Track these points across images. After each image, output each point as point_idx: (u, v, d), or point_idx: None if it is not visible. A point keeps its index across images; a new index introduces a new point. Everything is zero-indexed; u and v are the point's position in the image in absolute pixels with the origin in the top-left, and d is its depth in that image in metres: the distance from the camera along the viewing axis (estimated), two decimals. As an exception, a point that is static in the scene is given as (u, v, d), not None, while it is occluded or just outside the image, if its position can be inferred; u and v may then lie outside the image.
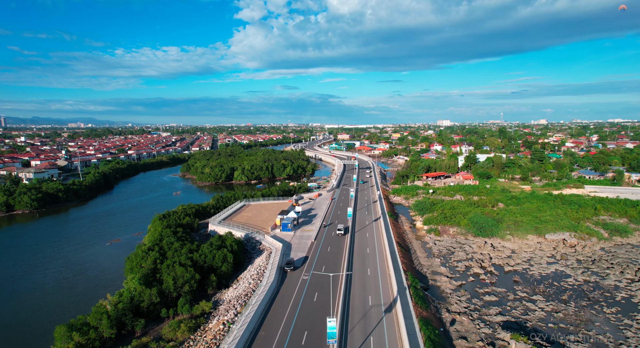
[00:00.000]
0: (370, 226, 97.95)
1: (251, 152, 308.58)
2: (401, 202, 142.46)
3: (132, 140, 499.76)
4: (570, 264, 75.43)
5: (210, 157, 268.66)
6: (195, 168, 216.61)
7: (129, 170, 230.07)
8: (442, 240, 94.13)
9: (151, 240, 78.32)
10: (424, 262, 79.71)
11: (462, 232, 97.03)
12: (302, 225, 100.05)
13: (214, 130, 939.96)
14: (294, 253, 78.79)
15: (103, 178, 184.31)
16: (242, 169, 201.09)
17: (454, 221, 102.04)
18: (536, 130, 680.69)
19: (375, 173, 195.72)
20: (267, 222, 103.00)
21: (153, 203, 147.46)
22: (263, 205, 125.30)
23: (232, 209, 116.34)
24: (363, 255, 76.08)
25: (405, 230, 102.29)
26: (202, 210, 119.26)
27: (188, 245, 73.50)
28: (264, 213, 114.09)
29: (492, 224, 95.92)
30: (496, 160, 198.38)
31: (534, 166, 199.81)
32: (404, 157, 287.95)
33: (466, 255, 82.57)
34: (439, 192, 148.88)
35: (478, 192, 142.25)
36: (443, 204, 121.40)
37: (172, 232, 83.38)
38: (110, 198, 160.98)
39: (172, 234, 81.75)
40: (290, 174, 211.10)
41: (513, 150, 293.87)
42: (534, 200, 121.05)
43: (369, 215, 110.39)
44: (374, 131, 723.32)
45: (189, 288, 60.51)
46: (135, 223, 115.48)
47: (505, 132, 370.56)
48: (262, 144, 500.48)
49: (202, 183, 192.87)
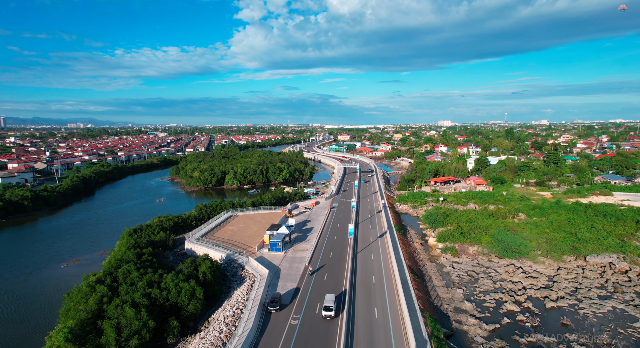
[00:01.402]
0: (375, 244, 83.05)
1: (246, 154, 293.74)
2: (408, 211, 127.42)
3: (127, 140, 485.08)
4: (630, 300, 60.26)
5: (202, 159, 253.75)
6: (185, 171, 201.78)
7: (114, 173, 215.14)
8: (460, 262, 79.11)
9: (107, 266, 63.29)
10: (444, 293, 64.70)
11: (484, 252, 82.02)
12: (295, 242, 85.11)
13: (214, 131, 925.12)
14: (283, 282, 63.88)
15: (82, 182, 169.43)
16: (234, 173, 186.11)
17: (473, 238, 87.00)
18: (540, 131, 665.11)
19: (378, 177, 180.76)
20: (255, 238, 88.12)
21: (132, 212, 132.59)
22: (252, 216, 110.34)
23: (215, 221, 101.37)
24: (368, 286, 61.17)
25: (416, 249, 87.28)
26: (182, 222, 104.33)
27: (149, 275, 58.56)
28: (252, 226, 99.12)
29: (520, 243, 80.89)
30: (509, 164, 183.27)
31: (549, 170, 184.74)
32: (408, 159, 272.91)
33: (493, 284, 67.57)
34: (450, 199, 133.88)
35: (494, 200, 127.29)
36: (457, 215, 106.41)
37: (136, 254, 68.41)
38: (87, 205, 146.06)
39: (135, 258, 66.80)
40: (286, 178, 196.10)
41: (522, 152, 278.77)
42: (561, 210, 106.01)
43: (373, 229, 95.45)
44: (375, 132, 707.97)
45: (138, 342, 45.53)
46: (104, 238, 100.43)
47: (513, 133, 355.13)
48: (260, 145, 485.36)
49: (191, 189, 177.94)
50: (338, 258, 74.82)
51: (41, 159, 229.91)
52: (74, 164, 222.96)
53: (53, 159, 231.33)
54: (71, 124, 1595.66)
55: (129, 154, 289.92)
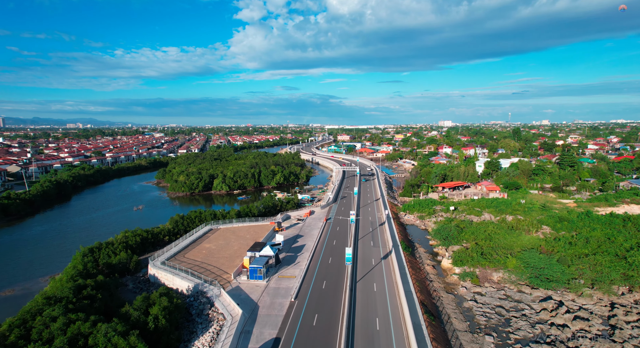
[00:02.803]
0: (378, 269, 68.26)
1: (241, 156, 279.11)
2: (415, 222, 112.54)
3: (121, 141, 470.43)
4: None
5: (192, 161, 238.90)
6: (171, 175, 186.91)
7: (96, 176, 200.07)
8: (484, 293, 64.18)
9: (23, 311, 48.17)
10: (469, 342, 49.83)
11: (512, 280, 67.10)
12: (281, 266, 70.25)
13: (213, 131, 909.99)
14: (259, 328, 49.09)
15: (56, 187, 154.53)
16: (223, 177, 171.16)
17: (496, 261, 72.09)
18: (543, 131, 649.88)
19: (379, 181, 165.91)
20: (234, 259, 73.32)
21: (103, 222, 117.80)
22: (236, 229, 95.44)
23: (190, 238, 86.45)
24: (370, 335, 46.42)
25: (428, 274, 72.37)
26: (152, 237, 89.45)
27: (78, 324, 43.72)
28: (233, 243, 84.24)
29: (556, 269, 65.93)
30: (523, 167, 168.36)
31: (566, 173, 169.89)
32: (411, 161, 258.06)
33: (531, 328, 52.68)
34: (462, 208, 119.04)
35: (512, 210, 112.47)
36: (473, 230, 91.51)
37: (74, 289, 53.39)
38: (55, 214, 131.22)
39: (71, 294, 51.85)
40: (280, 182, 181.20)
41: (532, 154, 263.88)
42: (595, 224, 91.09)
43: (375, 247, 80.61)
44: (375, 132, 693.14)
45: None
46: (57, 258, 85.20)
47: (520, 133, 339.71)
48: (257, 146, 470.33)
49: (175, 194, 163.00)
50: (333, 289, 60.02)
51: (19, 160, 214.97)
52: (52, 166, 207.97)
53: (31, 161, 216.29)
54: (70, 124, 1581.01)
55: (117, 156, 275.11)
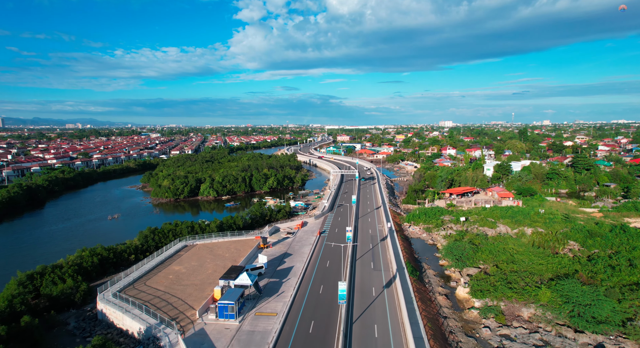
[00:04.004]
0: (380, 302, 55.10)
1: (234, 157, 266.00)
2: (421, 235, 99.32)
3: (115, 142, 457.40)
4: None
5: (182, 164, 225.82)
6: (156, 178, 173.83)
7: (77, 180, 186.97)
8: (514, 336, 50.91)
9: None
10: None
11: (547, 318, 53.81)
12: (261, 298, 56.98)
13: (212, 131, 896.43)
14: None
15: (27, 193, 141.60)
16: (211, 181, 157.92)
17: (526, 292, 58.76)
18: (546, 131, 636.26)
19: (380, 187, 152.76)
20: (205, 288, 60.22)
21: (68, 235, 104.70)
22: (214, 246, 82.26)
23: (159, 258, 73.30)
24: None
25: (441, 307, 59.08)
26: (115, 257, 76.31)
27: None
28: (207, 264, 71.08)
29: (607, 307, 52.54)
30: (536, 171, 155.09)
31: (583, 178, 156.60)
32: (413, 164, 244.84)
33: (585, 395, 39.38)
34: (473, 218, 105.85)
35: (530, 221, 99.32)
36: (491, 247, 78.27)
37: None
38: (18, 225, 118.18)
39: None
40: (273, 187, 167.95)
41: (540, 155, 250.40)
42: (635, 240, 77.79)
43: (376, 271, 67.48)
44: (376, 132, 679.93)
45: None
46: None
47: (526, 134, 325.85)
48: (254, 147, 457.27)
49: (159, 200, 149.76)
50: (323, 334, 46.88)
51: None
52: (31, 169, 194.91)
53: (8, 163, 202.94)
54: (70, 125, 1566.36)
55: (105, 157, 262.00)
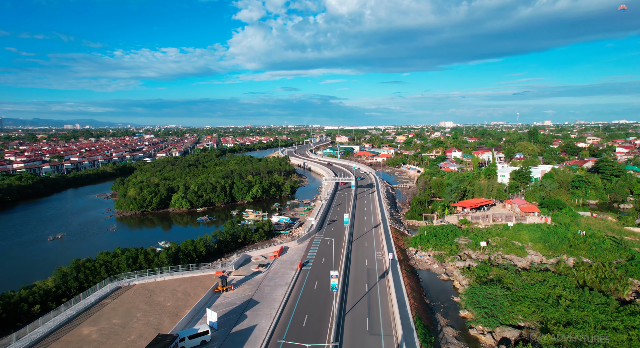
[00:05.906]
0: None
1: (223, 161, 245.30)
2: (430, 265, 78.20)
3: (103, 143, 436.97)
4: None
5: (162, 168, 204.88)
6: (125, 187, 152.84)
7: (38, 187, 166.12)
8: None
9: None
10: None
11: None
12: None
13: (210, 132, 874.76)
14: None
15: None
16: (185, 191, 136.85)
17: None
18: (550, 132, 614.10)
19: (380, 197, 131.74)
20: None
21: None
22: (157, 287, 61.22)
23: (67, 312, 52.27)
24: None
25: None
26: (5, 312, 55.00)
27: None
28: (133, 325, 49.99)
29: None
30: (560, 178, 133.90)
31: (614, 186, 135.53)
32: (416, 168, 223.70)
33: None
34: (495, 241, 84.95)
35: (569, 247, 78.48)
36: (531, 294, 57.21)
37: None
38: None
39: None
40: (258, 196, 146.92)
41: (555, 158, 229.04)
42: None
43: (374, 336, 46.44)
44: (376, 133, 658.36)
45: None
46: None
47: (537, 135, 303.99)
48: (249, 148, 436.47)
49: (122, 213, 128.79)
50: None
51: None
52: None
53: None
54: (68, 125, 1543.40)
55: (81, 161, 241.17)
